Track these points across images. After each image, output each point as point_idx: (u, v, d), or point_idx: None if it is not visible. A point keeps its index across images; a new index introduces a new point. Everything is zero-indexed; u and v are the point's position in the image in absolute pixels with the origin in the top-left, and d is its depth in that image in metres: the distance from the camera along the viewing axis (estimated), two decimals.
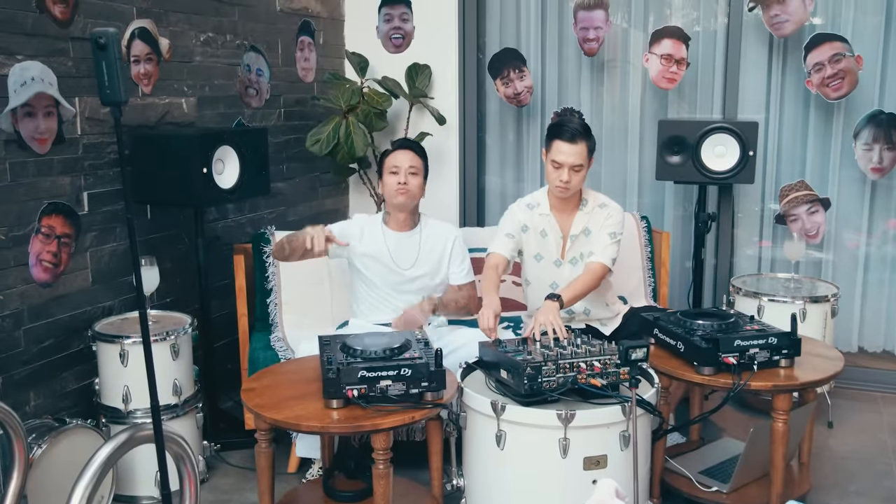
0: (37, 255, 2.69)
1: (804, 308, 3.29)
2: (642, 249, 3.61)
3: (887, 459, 3.08)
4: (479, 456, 2.39)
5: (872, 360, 3.92)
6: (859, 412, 3.52)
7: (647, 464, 2.49)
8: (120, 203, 2.99)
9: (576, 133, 2.74)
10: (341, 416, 2.20)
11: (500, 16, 4.25)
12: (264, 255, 3.26)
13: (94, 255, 2.91)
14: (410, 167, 2.91)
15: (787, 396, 2.43)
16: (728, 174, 3.42)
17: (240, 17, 3.57)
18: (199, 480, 1.73)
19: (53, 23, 2.70)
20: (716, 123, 3.41)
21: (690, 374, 2.49)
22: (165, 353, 2.78)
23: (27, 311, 2.66)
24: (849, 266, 3.89)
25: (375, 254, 2.94)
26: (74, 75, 2.79)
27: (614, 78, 4.14)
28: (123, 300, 3.03)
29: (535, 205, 2.93)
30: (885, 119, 3.64)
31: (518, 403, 2.28)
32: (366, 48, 4.19)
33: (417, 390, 2.25)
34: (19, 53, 2.58)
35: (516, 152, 4.36)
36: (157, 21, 3.12)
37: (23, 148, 2.62)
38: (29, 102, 2.62)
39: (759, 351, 2.45)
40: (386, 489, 2.23)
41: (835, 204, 3.84)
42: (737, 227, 4.06)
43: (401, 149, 2.97)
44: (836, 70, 3.63)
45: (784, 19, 3.67)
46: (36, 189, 2.67)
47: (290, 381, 2.47)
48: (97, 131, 2.89)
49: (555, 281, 2.88)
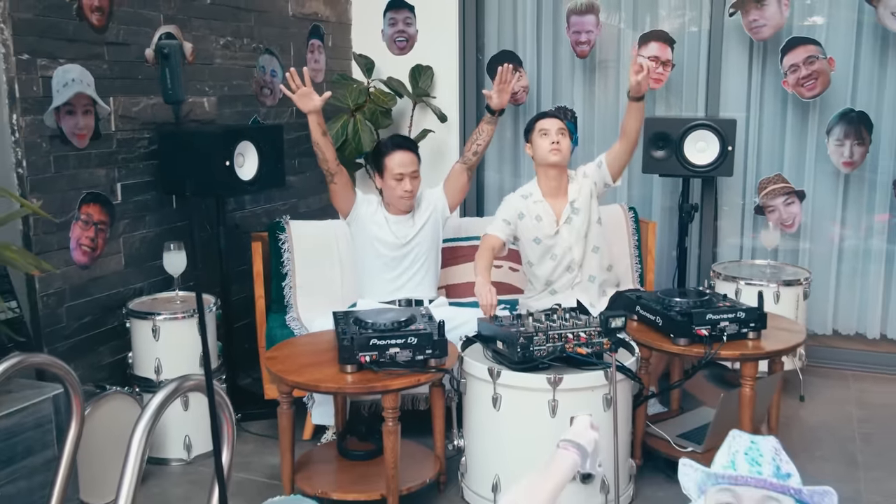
0: (77, 240, 2.97)
1: (778, 291, 3.58)
2: (630, 238, 3.88)
3: (852, 428, 3.36)
4: (477, 417, 2.67)
5: (845, 341, 4.19)
6: (830, 388, 3.80)
7: (629, 426, 2.77)
8: (149, 193, 3.28)
9: (551, 113, 3.28)
10: (355, 379, 2.48)
11: (497, 20, 4.53)
12: (280, 242, 3.53)
13: (127, 241, 3.19)
14: (413, 172, 3.19)
15: (754, 364, 2.70)
16: (709, 168, 3.69)
17: (255, 22, 3.85)
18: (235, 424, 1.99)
19: (91, 29, 2.98)
20: (697, 120, 3.68)
21: (668, 345, 2.77)
22: (193, 329, 3.06)
23: (68, 290, 2.94)
24: (824, 254, 4.16)
25: (380, 234, 3.23)
26: (109, 76, 3.06)
27: (605, 78, 4.41)
28: (152, 282, 3.31)
29: (529, 194, 3.22)
30: (856, 117, 3.91)
31: (512, 369, 2.56)
32: (372, 50, 4.47)
33: (422, 357, 2.53)
34: (61, 57, 2.86)
35: (513, 148, 4.64)
36: (181, 26, 3.40)
37: (65, 143, 2.90)
38: (70, 102, 2.90)
39: (728, 324, 2.73)
40: (395, 444, 2.51)
41: (810, 196, 4.11)
42: (720, 219, 4.33)
43: (400, 150, 3.20)
44: (810, 71, 3.91)
45: (762, 24, 3.95)
46: (76, 180, 2.95)
47: (307, 352, 2.75)
48: (129, 128, 3.17)
49: (555, 251, 3.18)
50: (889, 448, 3.17)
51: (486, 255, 3.07)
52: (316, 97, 3.03)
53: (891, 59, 3.89)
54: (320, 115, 3.07)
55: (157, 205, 3.33)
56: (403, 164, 3.16)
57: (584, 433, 1.74)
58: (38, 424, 2.43)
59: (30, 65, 2.73)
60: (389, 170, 3.16)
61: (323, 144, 3.12)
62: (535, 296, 3.26)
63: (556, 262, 3.19)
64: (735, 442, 1.49)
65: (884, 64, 3.90)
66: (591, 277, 3.21)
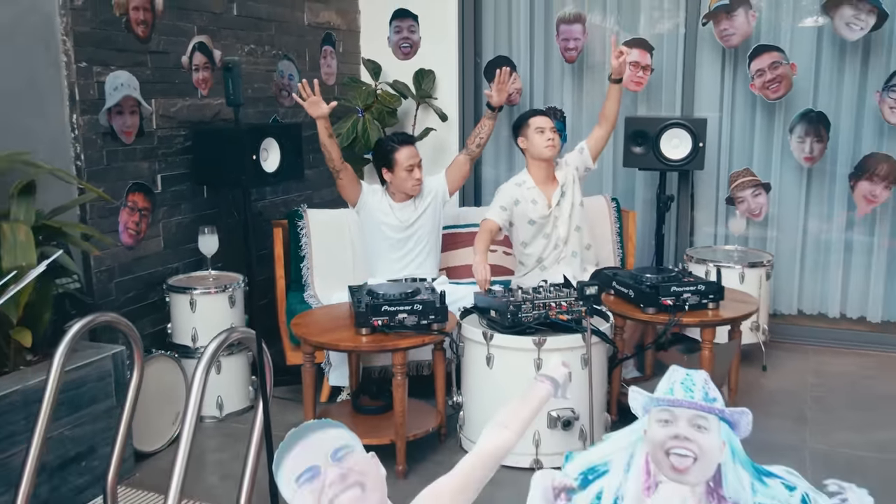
0: (124, 224, 3.39)
1: (743, 272, 4.00)
2: (612, 226, 4.30)
3: (806, 392, 3.79)
4: (473, 375, 3.10)
5: (809, 320, 4.61)
6: (791, 360, 4.22)
7: (604, 385, 3.19)
8: (184, 184, 3.71)
9: (541, 111, 3.73)
10: (369, 340, 2.91)
11: (494, 28, 4.96)
12: (298, 229, 3.96)
13: (165, 226, 3.62)
14: (419, 161, 3.63)
15: (712, 330, 3.14)
16: (682, 162, 4.10)
17: (275, 31, 4.27)
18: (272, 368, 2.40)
19: (136, 40, 3.40)
20: (672, 120, 4.10)
21: (638, 313, 3.19)
22: (224, 302, 3.49)
23: (117, 267, 3.37)
24: (789, 241, 4.59)
25: (385, 216, 3.66)
26: (151, 81, 3.49)
27: (592, 81, 4.83)
28: (186, 262, 3.74)
29: (522, 182, 3.67)
30: (815, 116, 4.34)
31: (503, 333, 2.99)
32: (379, 56, 4.90)
33: (426, 321, 2.96)
34: (112, 64, 3.29)
35: (508, 145, 5.06)
36: (211, 36, 3.82)
37: (114, 139, 3.33)
38: (119, 103, 3.33)
39: (690, 296, 3.15)
40: (402, 396, 2.94)
41: (776, 188, 4.54)
42: (696, 210, 4.76)
43: (406, 145, 3.64)
44: (775, 75, 4.33)
45: (731, 32, 4.37)
46: (124, 171, 3.38)
47: (326, 319, 3.18)
48: (168, 126, 3.60)
49: (546, 230, 3.63)
50: (836, 407, 3.60)
51: (485, 237, 3.51)
52: (323, 105, 3.47)
53: (847, 64, 4.32)
54: (327, 120, 3.50)
55: (190, 194, 3.76)
56: (411, 157, 3.59)
57: (557, 369, 2.17)
58: (99, 378, 2.87)
59: (87, 72, 3.16)
60: (400, 163, 3.59)
61: (329, 145, 3.54)
62: (527, 274, 3.70)
63: (546, 240, 3.63)
64: (674, 374, 1.91)
65: (841, 69, 4.33)
66: (573, 253, 3.65)
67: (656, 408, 1.87)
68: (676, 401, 1.85)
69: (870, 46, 4.26)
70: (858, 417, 3.50)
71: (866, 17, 4.09)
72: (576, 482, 1.89)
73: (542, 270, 3.66)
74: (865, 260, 4.47)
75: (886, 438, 3.28)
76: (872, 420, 3.46)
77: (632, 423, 1.93)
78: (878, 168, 4.26)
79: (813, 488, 1.86)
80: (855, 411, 3.56)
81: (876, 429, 3.38)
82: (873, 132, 4.31)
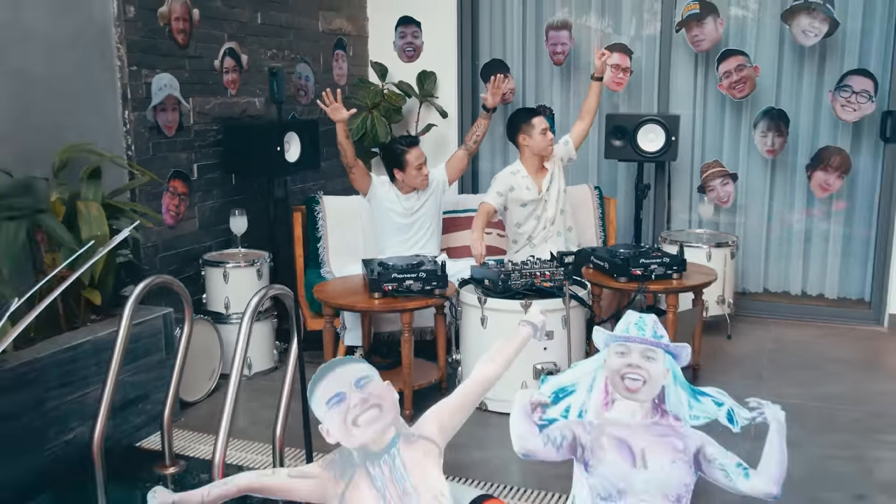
0: (166, 206, 3.90)
1: (710, 251, 4.51)
2: (595, 211, 4.81)
3: (764, 355, 4.29)
4: (469, 335, 3.61)
5: (774, 297, 5.12)
6: (754, 331, 4.72)
7: (583, 346, 3.70)
8: (216, 172, 4.21)
9: (539, 111, 4.22)
10: (381, 303, 3.42)
11: (490, 34, 5.47)
12: (316, 213, 4.46)
13: (200, 209, 4.13)
14: (425, 160, 4.13)
15: (675, 296, 3.65)
16: (657, 154, 4.61)
17: (294, 37, 4.78)
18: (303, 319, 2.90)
19: (177, 46, 3.91)
20: (648, 116, 4.61)
21: (612, 282, 3.70)
22: (253, 275, 4.00)
23: (161, 244, 3.88)
24: (755, 225, 5.10)
25: (393, 203, 4.16)
26: (189, 82, 4.00)
27: (577, 82, 5.34)
28: (218, 241, 4.24)
29: (516, 171, 4.18)
30: (776, 113, 4.85)
31: (495, 297, 3.49)
32: (385, 59, 5.41)
33: (430, 287, 3.47)
34: (157, 68, 3.80)
35: (503, 140, 5.56)
36: (239, 43, 4.32)
37: (159, 133, 3.83)
38: (163, 101, 3.83)
39: (657, 267, 3.66)
40: (409, 350, 3.45)
41: (742, 177, 5.04)
42: (673, 199, 5.26)
43: (414, 146, 4.13)
44: (740, 77, 4.84)
45: (702, 38, 4.87)
46: (166, 161, 3.89)
47: (343, 287, 3.69)
48: (203, 122, 4.11)
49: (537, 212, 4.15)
50: (789, 368, 4.11)
51: (482, 218, 4.02)
52: (343, 110, 3.97)
53: (805, 67, 4.83)
54: (345, 124, 4.00)
55: (221, 181, 4.26)
56: (419, 157, 4.10)
57: (536, 316, 2.67)
58: (152, 335, 3.38)
59: (137, 74, 3.67)
60: (410, 164, 4.08)
61: (345, 145, 4.04)
62: (519, 251, 4.21)
63: (537, 220, 4.15)
64: (629, 317, 2.42)
65: (799, 71, 4.84)
66: (558, 232, 4.17)
67: (614, 343, 2.38)
68: (631, 337, 2.36)
69: (825, 51, 4.76)
70: (806, 375, 4.00)
71: (820, 26, 4.60)
72: (549, 399, 2.39)
73: (532, 248, 4.17)
74: (823, 243, 4.99)
75: (826, 392, 3.79)
76: (818, 378, 3.97)
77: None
78: (832, 160, 4.77)
79: (737, 404, 2.37)
80: (804, 371, 4.07)
81: (819, 384, 3.89)
82: (828, 127, 4.83)
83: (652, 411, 2.33)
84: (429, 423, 2.50)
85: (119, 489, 2.89)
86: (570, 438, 2.29)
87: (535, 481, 2.98)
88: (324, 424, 2.41)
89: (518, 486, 2.95)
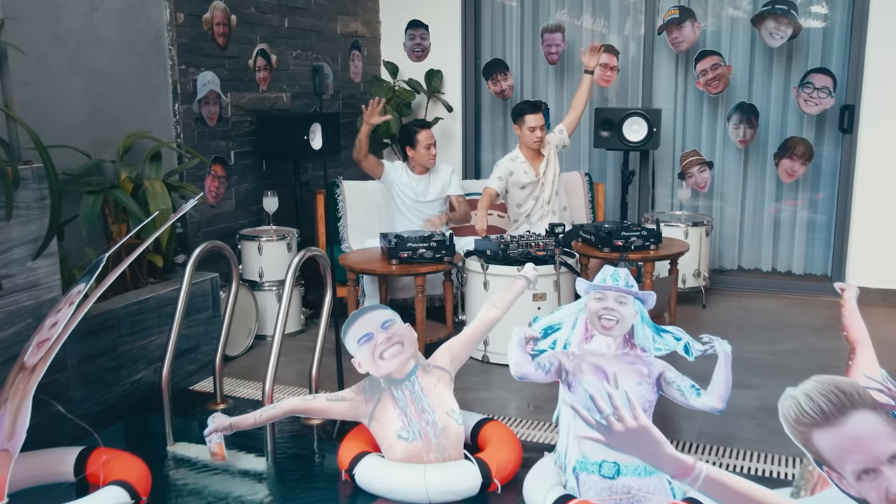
0: (208, 188, 4.46)
1: (687, 229, 5.07)
2: (585, 195, 5.37)
3: (733, 321, 4.86)
4: (473, 297, 4.17)
5: (747, 273, 5.68)
6: (727, 301, 5.29)
7: None
8: (250, 158, 4.78)
9: (537, 107, 4.68)
10: (398, 268, 3.99)
11: (490, 36, 6.03)
12: (336, 195, 5.02)
13: (236, 191, 4.69)
14: (434, 141, 4.69)
15: (652, 264, 4.21)
16: (640, 143, 5.16)
17: (315, 39, 5.34)
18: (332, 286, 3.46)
19: (218, 48, 4.47)
20: (632, 110, 5.16)
21: (597, 252, 4.26)
22: (283, 248, 4.56)
23: (203, 221, 4.44)
24: (730, 208, 5.66)
25: (404, 187, 4.72)
26: (227, 79, 4.56)
27: (570, 79, 5.90)
28: (251, 219, 4.81)
29: (516, 157, 4.74)
30: (747, 107, 5.41)
31: (496, 264, 4.05)
32: (396, 58, 5.97)
33: (439, 255, 4.03)
34: (202, 66, 4.36)
35: (503, 132, 6.13)
36: (269, 44, 4.89)
37: (203, 123, 4.39)
38: (206, 96, 4.39)
39: (636, 239, 4.22)
40: (422, 309, 4.01)
41: (718, 165, 5.61)
42: (657, 186, 5.82)
43: (425, 128, 4.71)
44: (715, 75, 5.40)
45: (681, 40, 5.43)
46: (209, 148, 4.45)
47: (363, 256, 4.26)
48: (239, 114, 4.67)
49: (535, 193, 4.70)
50: (754, 330, 4.67)
51: (486, 200, 4.58)
52: (377, 116, 4.57)
53: (773, 66, 5.39)
54: (372, 127, 4.57)
55: (254, 167, 4.83)
56: (428, 138, 4.66)
57: (529, 271, 3.24)
58: (202, 295, 3.94)
59: (186, 72, 4.23)
60: (421, 142, 4.66)
61: (363, 142, 4.59)
62: (517, 228, 4.78)
63: (535, 200, 4.71)
64: (605, 271, 2.98)
65: (768, 70, 5.40)
66: (553, 211, 4.74)
67: (593, 290, 2.93)
68: (607, 286, 2.92)
69: (791, 52, 5.32)
70: (768, 336, 4.57)
71: (785, 29, 5.16)
72: (539, 334, 2.95)
73: (530, 225, 4.74)
74: (790, 224, 5.55)
75: (784, 348, 4.36)
76: (778, 337, 4.54)
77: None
78: (797, 148, 5.33)
79: (692, 339, 2.92)
80: (767, 332, 4.64)
81: (779, 343, 4.45)
82: (793, 120, 5.39)
83: (623, 344, 2.88)
84: (442, 355, 3.08)
85: (180, 420, 3.45)
86: (556, 365, 2.84)
87: (526, 414, 3.54)
88: (356, 358, 2.98)
89: (513, 416, 3.51)
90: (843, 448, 1.70)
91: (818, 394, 1.75)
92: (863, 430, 1.71)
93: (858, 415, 1.72)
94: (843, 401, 1.73)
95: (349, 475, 2.83)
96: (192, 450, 3.20)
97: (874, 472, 1.67)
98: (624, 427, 1.80)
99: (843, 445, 1.71)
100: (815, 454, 1.70)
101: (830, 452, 1.71)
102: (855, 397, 1.73)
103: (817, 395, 1.75)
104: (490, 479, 2.76)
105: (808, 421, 1.73)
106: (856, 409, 1.72)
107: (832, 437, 1.71)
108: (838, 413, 1.72)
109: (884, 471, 1.66)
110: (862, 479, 1.67)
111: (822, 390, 1.75)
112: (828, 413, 1.72)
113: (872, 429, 1.71)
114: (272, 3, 4.88)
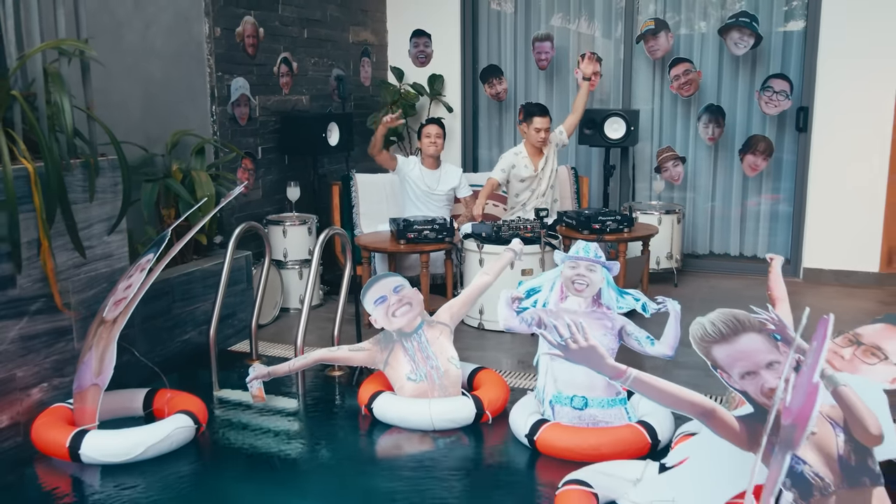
0: (239, 179, 5.12)
1: (660, 217, 5.73)
2: (571, 188, 6.02)
3: (698, 296, 5.51)
4: (470, 273, 4.82)
5: (717, 258, 6.33)
6: (696, 281, 5.94)
7: None
8: (275, 153, 5.43)
9: (545, 111, 5.30)
10: (406, 246, 4.65)
11: (487, 44, 6.68)
12: (350, 187, 5.68)
13: (263, 182, 5.35)
14: (437, 134, 5.35)
15: (625, 245, 4.86)
16: (620, 141, 5.81)
17: (330, 48, 5.99)
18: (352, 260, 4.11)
19: (248, 56, 5.12)
20: (612, 111, 5.81)
21: (577, 234, 4.91)
22: (304, 232, 5.21)
23: (236, 207, 5.09)
24: (701, 199, 6.32)
25: (417, 180, 5.38)
26: (256, 84, 5.21)
27: (560, 84, 6.55)
28: (276, 206, 5.46)
29: (519, 152, 5.39)
30: (715, 108, 6.06)
31: (490, 244, 4.71)
32: (402, 64, 6.62)
33: (441, 236, 4.69)
34: (235, 73, 5.01)
35: (498, 131, 6.78)
36: (291, 52, 5.54)
37: (235, 123, 5.05)
38: (238, 99, 5.05)
39: (611, 223, 4.87)
40: (426, 283, 4.67)
41: (690, 160, 6.26)
42: (637, 180, 6.48)
43: (430, 124, 5.38)
44: (687, 79, 6.05)
45: (656, 49, 6.09)
46: (240, 144, 5.10)
47: (375, 238, 4.92)
48: (265, 114, 5.33)
49: (532, 186, 5.34)
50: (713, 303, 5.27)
51: (487, 188, 5.25)
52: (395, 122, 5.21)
53: (739, 71, 6.04)
54: (387, 129, 5.22)
55: (278, 161, 5.49)
56: (430, 131, 5.32)
57: (517, 244, 3.90)
58: (238, 269, 4.59)
59: (221, 78, 4.88)
60: (425, 135, 5.32)
61: (379, 140, 5.23)
62: (511, 214, 5.43)
63: (531, 192, 5.37)
64: (578, 245, 3.64)
65: (734, 75, 6.06)
66: (546, 202, 5.39)
67: (568, 260, 3.58)
68: (579, 257, 3.57)
69: (755, 59, 5.98)
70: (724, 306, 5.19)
71: (748, 39, 5.81)
72: (523, 294, 3.61)
73: (525, 214, 5.40)
74: (755, 213, 6.20)
75: None
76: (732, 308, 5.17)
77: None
78: (759, 145, 5.98)
79: (649, 299, 3.57)
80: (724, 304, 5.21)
81: None
82: (756, 120, 6.04)
83: (592, 303, 3.53)
84: (443, 312, 3.73)
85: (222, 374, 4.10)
86: (536, 319, 3.48)
87: (514, 368, 4.20)
88: (372, 316, 3.63)
89: (503, 369, 4.17)
90: (733, 357, 2.37)
91: (719, 321, 2.42)
92: (750, 346, 2.38)
93: (747, 335, 2.39)
94: (736, 325, 2.41)
95: (368, 409, 3.49)
96: (235, 394, 3.85)
97: (754, 374, 2.33)
98: (578, 346, 2.46)
99: (734, 356, 2.38)
100: (712, 362, 2.36)
101: (724, 361, 2.37)
102: (746, 323, 2.40)
103: (718, 321, 2.42)
104: (483, 410, 3.41)
105: (709, 339, 2.39)
106: (746, 331, 2.39)
107: (727, 350, 2.38)
108: (732, 334, 2.39)
109: (762, 373, 2.33)
110: (745, 378, 2.34)
111: (722, 318, 2.42)
112: (724, 333, 2.39)
113: (757, 345, 2.38)
114: (294, 17, 5.53)
